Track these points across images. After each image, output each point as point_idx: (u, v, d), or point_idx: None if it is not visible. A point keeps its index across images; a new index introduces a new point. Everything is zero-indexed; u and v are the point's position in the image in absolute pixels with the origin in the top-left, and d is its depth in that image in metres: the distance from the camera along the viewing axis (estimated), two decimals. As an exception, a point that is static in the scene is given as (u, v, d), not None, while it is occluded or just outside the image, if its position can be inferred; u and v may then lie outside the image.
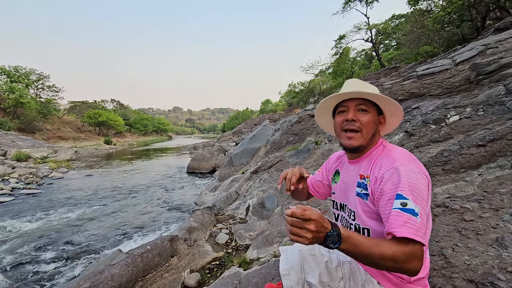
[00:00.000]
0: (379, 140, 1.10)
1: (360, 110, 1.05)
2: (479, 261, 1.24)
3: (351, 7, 19.57)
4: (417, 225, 0.82)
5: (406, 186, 0.87)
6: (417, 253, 0.80)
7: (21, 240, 4.49)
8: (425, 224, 0.84)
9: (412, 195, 0.86)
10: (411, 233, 0.80)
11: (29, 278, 3.37)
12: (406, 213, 0.84)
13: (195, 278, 2.61)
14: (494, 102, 2.99)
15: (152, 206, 6.40)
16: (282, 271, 1.01)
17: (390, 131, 1.18)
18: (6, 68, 27.99)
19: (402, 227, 0.83)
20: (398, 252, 0.81)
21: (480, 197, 1.85)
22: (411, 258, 0.80)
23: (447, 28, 12.11)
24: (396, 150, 1.02)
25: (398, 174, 0.91)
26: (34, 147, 15.78)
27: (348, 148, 1.08)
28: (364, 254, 0.81)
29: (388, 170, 0.95)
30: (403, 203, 0.85)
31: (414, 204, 0.84)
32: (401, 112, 1.08)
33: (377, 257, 0.80)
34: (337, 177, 1.25)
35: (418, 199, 0.85)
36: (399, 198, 0.87)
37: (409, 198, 0.85)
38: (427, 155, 2.77)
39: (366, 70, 22.29)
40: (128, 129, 49.56)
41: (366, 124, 1.04)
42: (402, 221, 0.83)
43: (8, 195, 7.41)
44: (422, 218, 0.83)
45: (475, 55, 4.70)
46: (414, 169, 0.91)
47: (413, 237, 0.80)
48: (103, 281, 2.11)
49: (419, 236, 0.80)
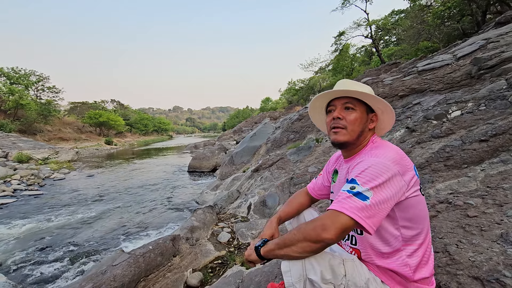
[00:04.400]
0: (372, 138, 1.11)
1: (346, 108, 1.08)
2: (484, 257, 1.23)
3: (350, 3, 19.47)
4: (357, 204, 0.84)
5: (364, 173, 0.90)
6: (335, 221, 0.83)
7: (24, 241, 4.50)
8: (377, 211, 0.85)
9: (366, 181, 0.87)
10: (343, 208, 0.84)
11: (31, 279, 3.37)
12: (351, 194, 0.86)
13: (197, 278, 2.61)
14: (496, 96, 2.96)
15: (153, 206, 6.41)
16: (283, 268, 1.00)
17: (389, 128, 1.18)
18: (5, 70, 27.97)
19: (336, 203, 0.87)
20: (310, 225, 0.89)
21: (483, 193, 1.83)
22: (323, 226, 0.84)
23: (447, 23, 12.04)
24: (381, 146, 1.03)
25: (363, 163, 0.95)
26: (35, 149, 15.79)
27: (335, 143, 1.11)
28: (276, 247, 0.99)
29: (359, 162, 0.99)
30: (352, 187, 0.88)
31: (364, 189, 0.86)
32: (390, 109, 1.09)
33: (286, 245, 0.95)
34: (335, 177, 1.28)
35: (374, 186, 0.86)
36: (351, 182, 0.91)
37: (360, 184, 0.87)
38: (429, 151, 2.76)
39: (366, 67, 22.20)
40: (128, 129, 49.60)
41: (351, 122, 1.06)
42: (341, 198, 0.87)
43: (10, 196, 7.42)
44: (374, 204, 0.84)
45: (476, 49, 4.67)
46: (385, 162, 0.91)
47: (343, 211, 0.83)
48: (105, 282, 2.11)
49: (355, 214, 0.82)
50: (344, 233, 0.83)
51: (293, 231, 0.94)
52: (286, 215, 1.41)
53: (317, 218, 0.89)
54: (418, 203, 0.98)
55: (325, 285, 0.95)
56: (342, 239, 1.00)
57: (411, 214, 0.97)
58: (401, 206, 0.95)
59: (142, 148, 30.42)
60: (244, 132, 23.28)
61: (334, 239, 0.83)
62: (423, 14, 13.28)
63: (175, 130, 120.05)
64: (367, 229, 0.83)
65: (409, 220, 0.97)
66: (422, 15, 13.36)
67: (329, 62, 25.42)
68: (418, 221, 0.99)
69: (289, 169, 5.08)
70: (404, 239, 0.99)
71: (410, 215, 0.97)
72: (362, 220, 0.82)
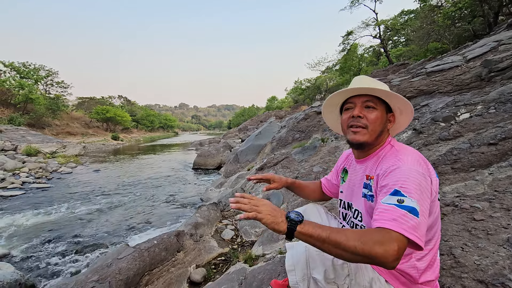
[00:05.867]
0: (388, 139, 1.06)
1: (367, 106, 1.02)
2: (490, 261, 1.22)
3: (359, 3, 19.29)
4: (413, 222, 0.75)
5: (406, 183, 0.81)
6: (395, 243, 0.71)
7: (31, 233, 4.60)
8: (424, 224, 0.78)
9: (413, 193, 0.79)
10: (401, 228, 0.73)
11: (38, 270, 3.45)
12: (402, 209, 0.77)
13: (201, 273, 2.64)
14: (506, 99, 2.92)
15: (158, 202, 6.47)
16: (288, 267, 1.01)
17: (402, 130, 1.14)
18: (15, 65, 28.45)
19: (392, 221, 0.76)
20: (367, 236, 0.73)
21: (490, 197, 1.81)
22: (380, 243, 0.71)
23: (458, 24, 11.85)
24: (404, 150, 0.97)
25: (399, 171, 0.86)
26: (44, 142, 16.06)
27: (354, 143, 1.04)
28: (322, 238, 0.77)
29: (389, 167, 0.91)
30: (400, 200, 0.79)
31: (413, 201, 0.78)
32: (411, 110, 1.04)
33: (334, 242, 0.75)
34: (346, 176, 1.24)
35: (420, 198, 0.79)
36: (396, 194, 0.81)
37: (407, 196, 0.79)
38: (436, 153, 2.73)
39: (373, 67, 21.99)
40: (135, 125, 50.08)
41: (372, 121, 1.00)
42: (394, 216, 0.77)
43: (19, 189, 7.57)
44: (423, 218, 0.77)
45: (487, 51, 4.59)
46: (418, 169, 0.85)
47: (402, 232, 0.73)
48: (110, 274, 2.15)
49: (413, 234, 0.73)
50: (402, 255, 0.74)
51: (349, 234, 0.75)
52: (299, 185, 1.43)
53: (383, 237, 0.73)
54: (436, 208, 0.94)
55: (328, 284, 0.95)
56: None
57: (430, 221, 0.92)
58: None
59: (148, 144, 30.67)
60: (249, 130, 23.29)
61: (394, 266, 0.72)
62: (433, 15, 13.08)
63: (181, 127, 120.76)
64: (421, 245, 0.75)
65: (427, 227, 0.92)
66: (432, 16, 13.17)
67: (337, 62, 25.26)
68: (433, 227, 0.96)
69: (294, 168, 5.07)
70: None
71: (429, 222, 0.92)
72: (419, 240, 0.74)
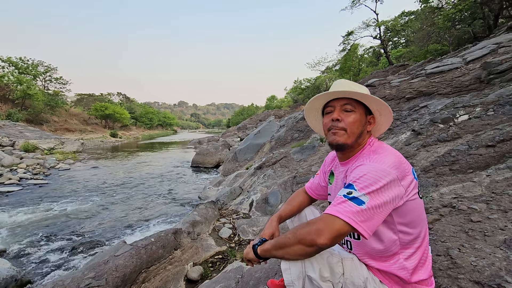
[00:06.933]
0: (369, 140, 1.10)
1: (345, 110, 1.06)
2: (486, 262, 1.23)
3: (360, 3, 19.26)
4: (352, 208, 0.83)
5: (362, 179, 0.88)
6: (330, 224, 0.83)
7: (28, 229, 4.58)
8: (373, 216, 0.84)
9: (363, 186, 0.86)
10: (338, 212, 0.83)
11: (35, 266, 3.43)
12: (346, 199, 0.85)
13: (198, 271, 2.64)
14: (505, 102, 2.93)
15: (156, 199, 6.46)
16: (283, 266, 1.01)
17: (384, 131, 1.17)
18: (13, 60, 28.26)
19: (332, 207, 0.86)
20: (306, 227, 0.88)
21: (488, 198, 1.82)
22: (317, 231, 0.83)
23: (458, 26, 11.89)
24: (380, 149, 1.01)
25: (361, 168, 0.93)
26: (42, 138, 16.00)
27: (333, 144, 1.07)
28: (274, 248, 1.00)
29: (357, 165, 0.98)
30: (349, 192, 0.87)
31: (360, 194, 0.85)
32: (389, 111, 1.07)
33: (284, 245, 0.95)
34: (332, 179, 1.27)
35: (371, 191, 0.85)
36: (348, 187, 0.90)
37: (358, 189, 0.86)
38: (434, 154, 2.74)
39: (373, 68, 22.03)
40: (133, 123, 49.96)
41: (350, 124, 1.04)
42: (335, 203, 0.87)
43: (16, 185, 7.54)
44: (370, 209, 0.83)
45: (486, 53, 4.61)
46: (383, 167, 0.90)
47: (337, 215, 0.82)
48: (107, 271, 2.14)
49: (349, 218, 0.81)
50: (339, 237, 0.83)
51: (288, 234, 0.94)
52: (287, 214, 1.40)
53: (311, 222, 0.88)
54: (416, 206, 0.97)
55: (323, 283, 0.95)
56: (337, 243, 0.98)
57: (409, 219, 0.96)
58: (399, 211, 0.94)
59: (147, 141, 30.61)
60: (248, 129, 23.31)
61: (328, 244, 0.82)
62: (434, 16, 13.11)
63: (180, 125, 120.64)
64: (362, 233, 0.82)
65: (407, 225, 0.97)
66: (432, 17, 13.19)
67: (336, 62, 25.26)
68: (416, 225, 0.98)
69: (293, 168, 5.08)
70: (402, 243, 0.98)
71: (408, 220, 0.96)
72: (357, 224, 0.81)
